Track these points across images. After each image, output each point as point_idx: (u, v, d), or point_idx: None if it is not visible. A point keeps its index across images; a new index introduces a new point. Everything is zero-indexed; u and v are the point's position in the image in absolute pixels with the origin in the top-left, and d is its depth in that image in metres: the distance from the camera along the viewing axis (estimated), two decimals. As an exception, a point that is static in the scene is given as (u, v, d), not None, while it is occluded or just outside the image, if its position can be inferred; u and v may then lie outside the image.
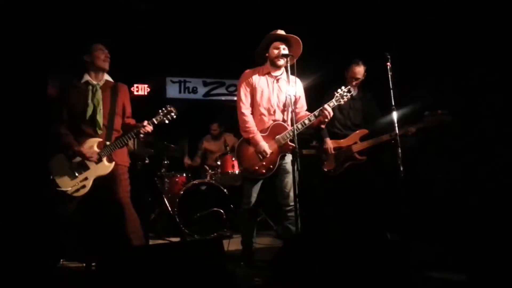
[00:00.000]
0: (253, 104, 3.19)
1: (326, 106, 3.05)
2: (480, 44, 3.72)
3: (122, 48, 4.97)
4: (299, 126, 3.03)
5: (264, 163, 3.08)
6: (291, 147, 3.06)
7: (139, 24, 5.07)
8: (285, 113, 3.17)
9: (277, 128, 3.13)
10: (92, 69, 3.05)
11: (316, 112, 3.08)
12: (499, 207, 3.37)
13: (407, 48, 4.18)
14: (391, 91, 3.15)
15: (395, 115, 3.15)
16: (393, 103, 3.15)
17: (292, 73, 3.06)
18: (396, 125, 3.14)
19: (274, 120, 3.16)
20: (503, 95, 3.49)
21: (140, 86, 5.94)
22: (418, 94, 4.10)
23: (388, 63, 3.20)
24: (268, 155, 3.07)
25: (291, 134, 3.04)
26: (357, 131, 3.83)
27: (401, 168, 3.05)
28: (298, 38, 3.11)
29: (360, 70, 3.79)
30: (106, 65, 3.07)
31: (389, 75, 3.18)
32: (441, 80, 4.13)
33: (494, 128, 3.52)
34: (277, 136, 3.10)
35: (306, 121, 3.06)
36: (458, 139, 3.85)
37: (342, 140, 3.85)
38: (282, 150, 3.10)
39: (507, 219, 3.25)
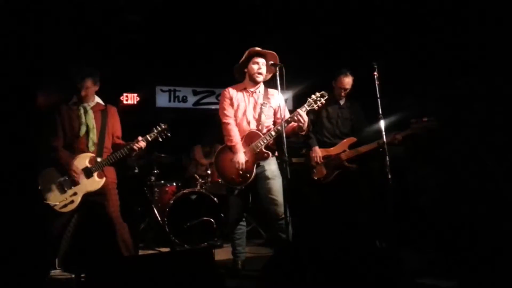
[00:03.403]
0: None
1: (298, 110, 3.06)
2: (465, 53, 3.79)
3: (112, 57, 4.98)
4: (272, 133, 3.08)
5: (240, 171, 3.10)
6: (266, 154, 3.10)
7: (128, 33, 5.08)
8: (260, 124, 3.22)
9: (251, 136, 3.16)
10: (78, 94, 3.12)
11: (288, 118, 3.10)
12: (486, 214, 3.42)
13: (393, 57, 4.24)
14: (378, 100, 3.20)
15: (382, 124, 3.20)
16: (380, 112, 3.19)
17: (281, 83, 3.07)
18: (383, 133, 3.19)
19: (249, 130, 3.20)
20: (488, 104, 3.56)
21: (129, 95, 5.92)
22: (404, 102, 4.16)
23: (375, 73, 3.26)
24: (242, 167, 3.09)
25: (265, 141, 3.08)
26: (346, 139, 3.87)
27: (389, 176, 3.09)
28: (276, 54, 3.14)
29: (348, 81, 3.84)
30: (90, 100, 3.14)
31: (376, 84, 3.23)
32: (426, 89, 4.20)
33: (478, 136, 3.58)
34: (251, 144, 3.13)
35: (279, 127, 3.04)
36: (445, 147, 3.90)
37: (331, 149, 3.88)
38: (257, 158, 3.12)
39: (494, 226, 3.30)
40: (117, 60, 5.05)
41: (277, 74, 2.98)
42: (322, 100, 3.12)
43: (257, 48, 3.19)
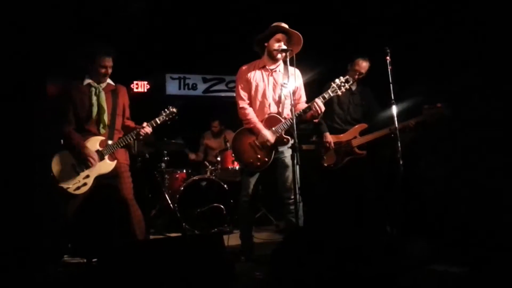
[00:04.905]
0: (249, 99, 3.21)
1: (316, 100, 3.02)
2: (468, 49, 3.71)
3: (122, 45, 4.97)
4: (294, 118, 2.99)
5: (259, 155, 3.08)
6: (285, 140, 3.07)
7: (138, 21, 5.07)
8: (280, 105, 3.17)
9: (271, 121, 3.12)
10: (92, 76, 3.11)
11: (306, 108, 3.06)
12: (495, 203, 3.38)
13: (404, 44, 4.16)
14: (391, 85, 3.15)
15: (394, 109, 3.15)
16: (392, 97, 3.14)
17: (292, 65, 3.04)
18: (395, 119, 3.15)
19: (269, 114, 3.16)
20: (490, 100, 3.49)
21: (140, 83, 5.95)
22: (417, 88, 4.09)
23: (388, 57, 3.20)
24: (272, 144, 3.06)
25: (286, 126, 3.05)
26: (357, 126, 3.83)
27: (401, 162, 3.06)
28: (300, 35, 3.09)
29: (366, 65, 3.78)
30: (105, 80, 3.13)
31: (389, 69, 3.18)
32: (432, 82, 4.12)
33: (481, 131, 3.52)
34: (271, 128, 3.10)
35: (300, 112, 3.04)
36: (457, 135, 3.84)
37: (341, 135, 3.84)
38: (277, 142, 3.10)
39: (506, 214, 3.26)
40: (127, 48, 5.04)
41: (287, 60, 2.96)
42: (347, 85, 3.07)
43: (283, 24, 3.09)
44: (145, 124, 3.11)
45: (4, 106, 3.65)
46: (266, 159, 3.09)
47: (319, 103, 3.01)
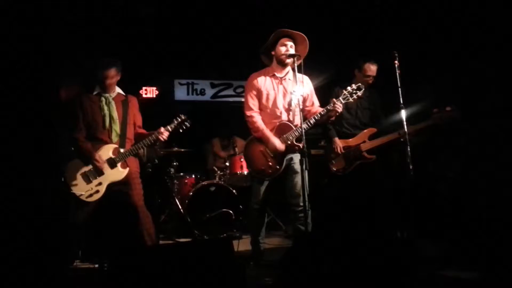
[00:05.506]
0: (260, 107, 3.21)
1: (335, 100, 3.03)
2: (480, 41, 3.69)
3: (130, 51, 5.03)
4: (305, 126, 2.98)
5: (270, 163, 3.08)
6: (297, 147, 3.06)
7: (146, 27, 5.13)
8: (291, 113, 3.17)
9: (282, 128, 3.12)
10: (101, 85, 3.16)
11: (324, 111, 3.06)
12: (505, 204, 3.34)
13: (410, 46, 4.15)
14: (399, 89, 3.14)
15: (403, 113, 3.14)
16: (401, 101, 3.13)
17: (300, 72, 3.05)
18: (404, 123, 3.13)
19: (280, 121, 3.16)
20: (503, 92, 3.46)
21: (148, 89, 5.99)
22: (425, 92, 4.07)
23: (396, 61, 3.19)
24: (281, 151, 3.06)
25: (297, 133, 3.05)
26: (366, 130, 3.81)
27: (410, 167, 3.04)
28: (305, 36, 3.11)
29: (375, 68, 3.77)
30: (114, 89, 3.19)
31: (397, 73, 3.17)
32: (442, 78, 4.10)
33: (495, 125, 3.48)
34: (283, 136, 3.10)
35: (312, 120, 3.06)
36: (465, 136, 3.82)
37: (350, 140, 3.83)
38: (288, 150, 3.10)
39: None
40: (135, 54, 5.10)
41: (295, 66, 2.98)
42: (359, 93, 3.08)
43: (286, 29, 3.11)
44: (162, 129, 3.12)
45: (17, 111, 3.71)
46: (278, 167, 3.09)
47: (338, 103, 3.01)
